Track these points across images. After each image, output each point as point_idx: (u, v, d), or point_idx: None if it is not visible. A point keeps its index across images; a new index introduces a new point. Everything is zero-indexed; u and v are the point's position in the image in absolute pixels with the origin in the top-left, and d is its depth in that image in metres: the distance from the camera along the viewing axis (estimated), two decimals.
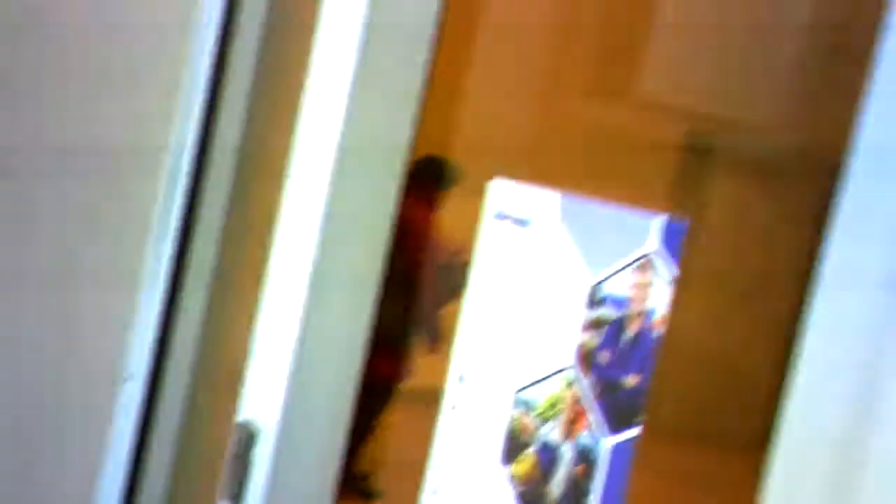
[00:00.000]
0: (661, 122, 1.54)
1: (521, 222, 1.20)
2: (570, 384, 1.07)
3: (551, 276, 1.13)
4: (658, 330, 0.99)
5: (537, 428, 1.09)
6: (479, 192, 1.32)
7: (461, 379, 1.21)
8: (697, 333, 1.19)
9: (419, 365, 2.10)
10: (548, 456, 1.06)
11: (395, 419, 2.14)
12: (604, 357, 1.04)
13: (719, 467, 1.28)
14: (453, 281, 1.32)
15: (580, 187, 1.16)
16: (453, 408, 1.21)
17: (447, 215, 2.14)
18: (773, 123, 1.41)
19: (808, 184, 1.20)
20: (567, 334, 1.09)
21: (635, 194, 1.12)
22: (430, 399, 1.27)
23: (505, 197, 1.24)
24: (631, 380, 1.00)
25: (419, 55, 1.56)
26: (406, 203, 1.92)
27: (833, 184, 0.84)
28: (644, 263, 1.02)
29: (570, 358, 1.08)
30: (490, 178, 1.29)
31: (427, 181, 2.46)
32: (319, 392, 1.43)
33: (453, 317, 1.27)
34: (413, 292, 2.04)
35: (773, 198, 1.29)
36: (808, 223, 1.04)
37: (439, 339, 1.62)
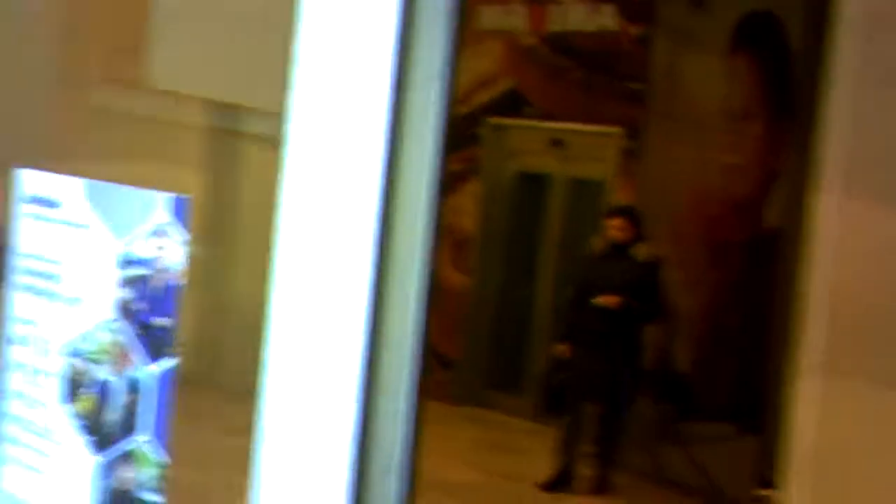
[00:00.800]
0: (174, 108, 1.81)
1: (52, 203, 1.43)
2: (114, 332, 1.34)
3: (86, 246, 1.38)
4: (178, 281, 1.30)
5: (91, 370, 1.35)
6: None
7: (10, 341, 1.44)
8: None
9: None
10: (104, 391, 1.34)
11: None
12: (140, 306, 1.33)
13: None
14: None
15: (107, 171, 1.42)
16: (8, 370, 1.44)
17: None
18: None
19: None
20: (105, 291, 1.36)
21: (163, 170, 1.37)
22: None
23: (33, 183, 1.46)
24: (162, 321, 1.30)
25: None
26: None
27: None
28: (161, 230, 1.32)
29: (110, 310, 1.35)
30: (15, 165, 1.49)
31: None
32: None
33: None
34: None
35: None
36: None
37: None
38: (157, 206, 1.31)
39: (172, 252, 1.30)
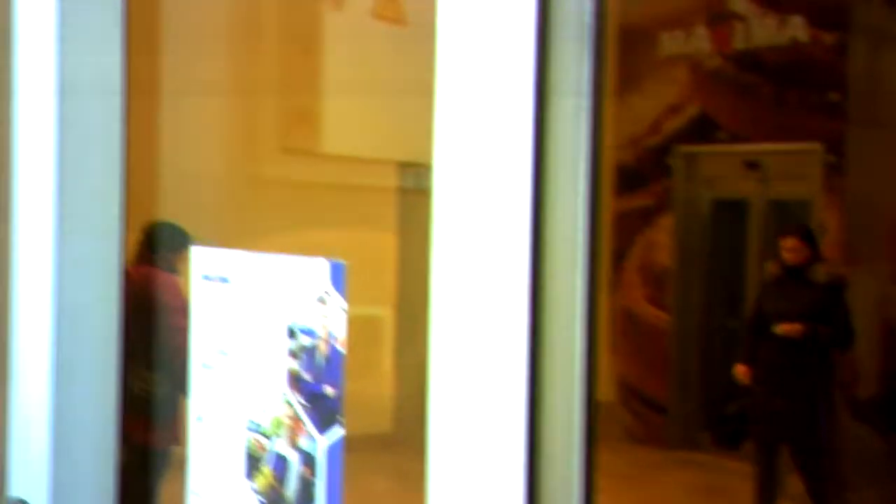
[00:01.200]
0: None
1: (224, 279, 1.46)
2: (286, 403, 1.34)
3: (256, 320, 1.40)
4: (341, 349, 1.28)
5: (268, 444, 1.35)
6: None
7: (199, 419, 1.46)
8: None
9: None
10: (280, 466, 1.34)
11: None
12: (307, 376, 1.32)
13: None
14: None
15: (284, 240, 1.43)
16: (195, 446, 1.46)
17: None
18: None
19: None
20: (277, 364, 1.36)
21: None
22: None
23: (205, 260, 1.49)
24: (329, 390, 1.29)
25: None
26: (144, 270, 2.08)
27: None
28: (321, 298, 1.31)
29: (283, 382, 1.35)
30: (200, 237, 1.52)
31: (161, 246, 2.61)
32: (80, 462, 1.61)
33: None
34: (173, 355, 2.18)
35: None
36: None
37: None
38: (318, 273, 1.31)
39: (334, 319, 1.29)
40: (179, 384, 1.89)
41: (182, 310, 2.30)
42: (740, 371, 5.72)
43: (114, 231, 1.72)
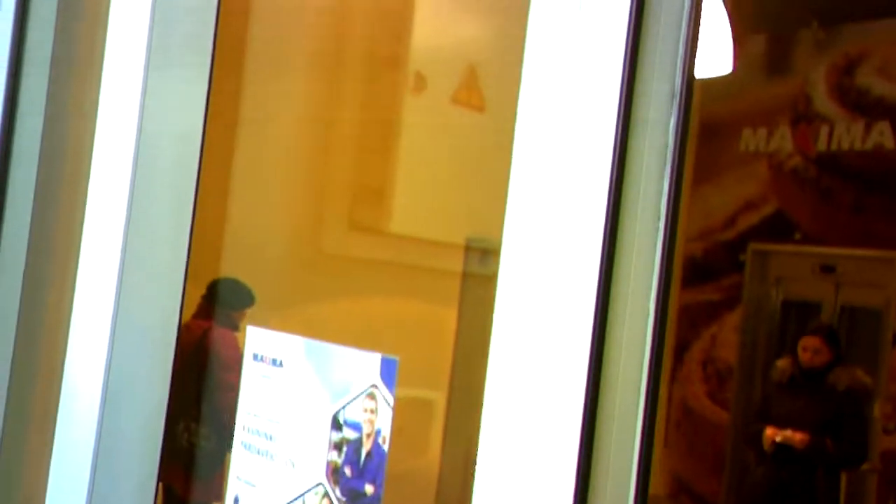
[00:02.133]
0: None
1: (275, 362, 1.45)
2: (324, 496, 1.32)
3: (302, 407, 1.38)
4: (385, 446, 1.26)
5: None
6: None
7: (236, 501, 1.44)
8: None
9: None
10: None
11: None
12: (347, 471, 1.30)
13: None
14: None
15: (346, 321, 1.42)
16: None
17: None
18: None
19: None
20: (318, 454, 1.34)
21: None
22: None
23: (259, 340, 1.48)
24: (369, 488, 1.27)
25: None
26: (204, 324, 2.10)
27: None
28: (370, 393, 1.29)
29: (321, 474, 1.33)
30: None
31: (223, 302, 2.64)
32: None
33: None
34: (223, 412, 2.20)
35: None
36: None
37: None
38: (369, 367, 1.29)
39: (381, 415, 1.27)
40: (227, 442, 1.90)
41: (237, 367, 2.31)
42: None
43: (177, 282, 1.74)
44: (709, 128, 7.98)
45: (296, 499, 1.36)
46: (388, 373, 1.28)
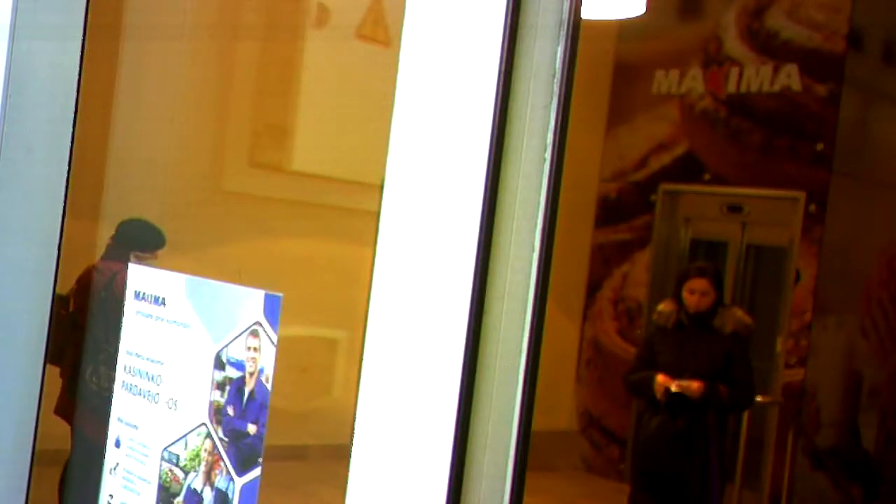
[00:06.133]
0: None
1: (157, 300, 1.40)
2: (206, 437, 1.29)
3: (185, 346, 1.34)
4: (269, 385, 1.23)
5: (183, 478, 1.30)
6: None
7: (117, 443, 1.40)
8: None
9: None
10: (193, 501, 1.28)
11: None
12: (230, 411, 1.27)
13: None
14: None
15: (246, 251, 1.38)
16: (112, 470, 1.40)
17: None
18: None
19: None
20: (200, 395, 1.31)
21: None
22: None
23: (141, 278, 1.43)
24: (252, 428, 1.24)
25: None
26: (113, 266, 2.03)
27: None
28: (254, 330, 1.26)
29: (204, 414, 1.30)
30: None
31: (132, 243, 2.55)
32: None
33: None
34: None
35: None
36: None
37: None
38: (252, 304, 1.26)
39: (265, 354, 1.24)
40: None
41: None
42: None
43: (53, 230, 1.68)
44: (622, 70, 8.01)
45: (178, 440, 1.32)
46: (272, 310, 1.24)
